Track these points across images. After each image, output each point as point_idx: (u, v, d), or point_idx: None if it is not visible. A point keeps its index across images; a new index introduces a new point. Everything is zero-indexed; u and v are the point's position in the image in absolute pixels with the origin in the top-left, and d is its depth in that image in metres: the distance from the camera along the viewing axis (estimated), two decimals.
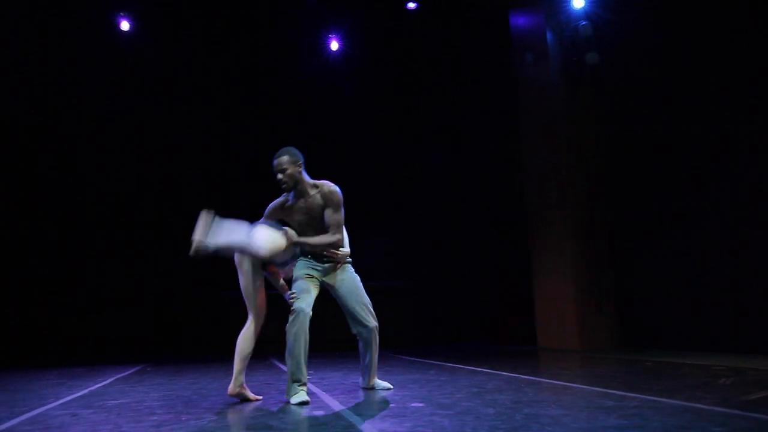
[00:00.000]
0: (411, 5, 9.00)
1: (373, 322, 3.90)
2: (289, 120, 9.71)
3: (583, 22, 7.14)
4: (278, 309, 3.79)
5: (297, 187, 3.67)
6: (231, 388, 3.62)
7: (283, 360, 3.83)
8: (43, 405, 3.69)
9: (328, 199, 3.67)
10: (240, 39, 9.40)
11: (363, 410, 3.12)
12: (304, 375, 3.46)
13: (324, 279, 3.77)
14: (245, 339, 3.64)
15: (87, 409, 3.48)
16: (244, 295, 3.68)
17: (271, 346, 8.20)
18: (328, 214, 3.67)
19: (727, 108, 5.88)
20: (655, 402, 3.03)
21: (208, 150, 9.43)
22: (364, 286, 3.98)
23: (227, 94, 9.60)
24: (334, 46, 9.40)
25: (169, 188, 9.08)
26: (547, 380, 4.25)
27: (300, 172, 3.66)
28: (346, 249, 3.89)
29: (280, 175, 3.61)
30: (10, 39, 8.48)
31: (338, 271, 3.82)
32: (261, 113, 9.68)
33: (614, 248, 7.36)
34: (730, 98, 5.85)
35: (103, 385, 4.77)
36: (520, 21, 8.28)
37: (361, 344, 3.97)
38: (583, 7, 7.19)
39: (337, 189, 3.73)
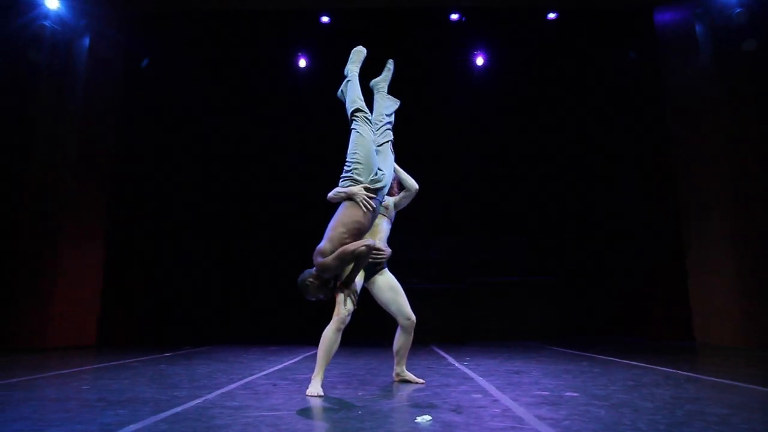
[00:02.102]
0: (551, 16, 8.56)
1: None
2: (437, 137, 9.82)
3: (738, 9, 6.26)
4: (436, 299, 3.78)
5: None
6: (394, 374, 3.77)
7: (441, 346, 3.83)
8: (251, 375, 4.11)
9: None
10: (398, 65, 9.67)
11: (518, 396, 3.03)
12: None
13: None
14: (401, 334, 3.68)
15: (284, 380, 3.82)
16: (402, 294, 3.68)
17: (431, 334, 8.36)
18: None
19: None
20: None
21: None
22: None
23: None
24: (480, 61, 9.29)
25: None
26: (708, 377, 3.76)
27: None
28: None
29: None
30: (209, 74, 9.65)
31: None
32: (417, 133, 9.89)
33: None
34: None
35: (295, 362, 5.19)
36: (665, 17, 7.51)
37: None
38: None
39: None
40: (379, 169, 3.40)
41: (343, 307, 3.25)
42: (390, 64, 3.90)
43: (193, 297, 9.64)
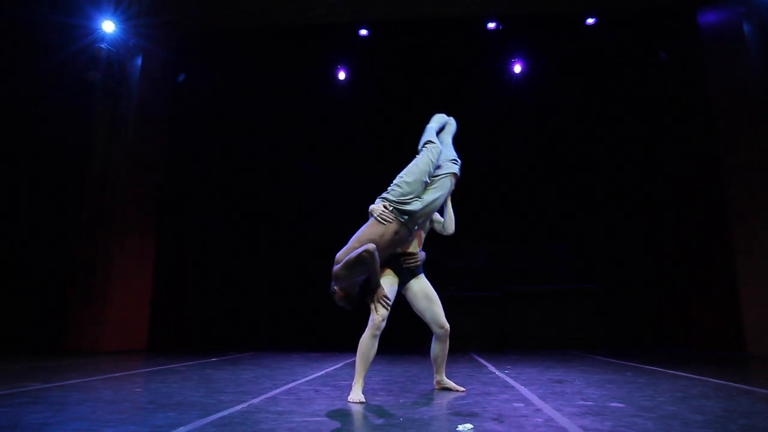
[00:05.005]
0: (590, 21, 8.39)
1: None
2: (478, 145, 9.74)
3: None
4: (477, 307, 3.71)
5: None
6: (435, 382, 3.73)
7: (481, 354, 3.76)
8: (294, 381, 4.15)
9: None
10: (435, 75, 9.65)
11: (561, 406, 2.94)
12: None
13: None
14: (438, 343, 3.64)
15: (326, 386, 3.84)
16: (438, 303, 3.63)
17: (471, 342, 8.25)
18: None
19: None
20: None
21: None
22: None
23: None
24: (518, 68, 9.19)
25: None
26: (762, 390, 3.54)
27: None
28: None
29: None
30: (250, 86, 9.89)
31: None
32: (457, 140, 9.82)
33: None
34: None
35: (336, 368, 5.22)
36: (710, 18, 7.24)
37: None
38: None
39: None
40: (417, 197, 3.37)
41: (376, 314, 3.25)
42: (452, 120, 3.91)
43: (238, 304, 9.84)
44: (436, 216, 3.77)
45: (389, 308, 3.29)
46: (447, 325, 3.58)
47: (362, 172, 9.81)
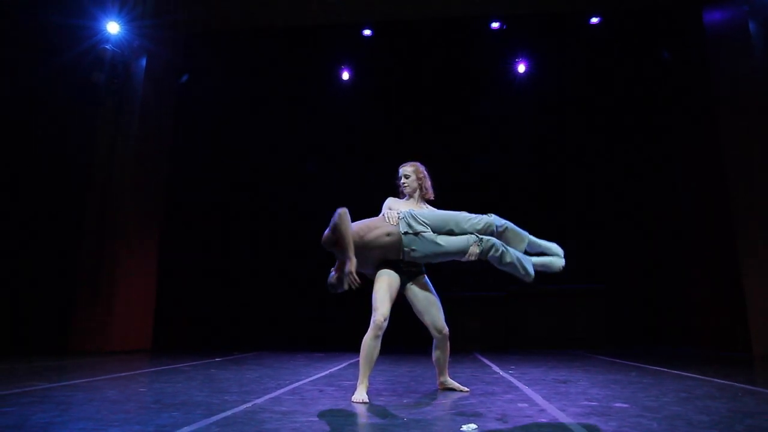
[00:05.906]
0: (594, 20, 8.36)
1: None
2: (481, 144, 9.71)
3: None
4: (479, 307, 3.69)
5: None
6: (438, 383, 3.72)
7: (485, 354, 3.75)
8: (298, 381, 4.16)
9: None
10: (436, 75, 9.63)
11: (566, 406, 2.93)
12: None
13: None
14: (439, 346, 3.63)
15: (330, 386, 3.84)
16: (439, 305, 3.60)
17: (474, 342, 8.24)
18: None
19: None
20: None
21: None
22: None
23: (427, 121, 9.93)
24: (522, 68, 9.17)
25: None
26: None
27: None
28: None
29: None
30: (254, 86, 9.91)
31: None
32: (460, 140, 9.80)
33: None
34: None
35: (340, 368, 5.21)
36: (715, 17, 7.21)
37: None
38: None
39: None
40: (430, 228, 3.29)
41: (379, 314, 3.24)
42: (559, 262, 3.72)
43: (242, 304, 9.86)
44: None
45: (355, 286, 3.19)
46: (446, 329, 3.55)
47: (365, 173, 9.81)
